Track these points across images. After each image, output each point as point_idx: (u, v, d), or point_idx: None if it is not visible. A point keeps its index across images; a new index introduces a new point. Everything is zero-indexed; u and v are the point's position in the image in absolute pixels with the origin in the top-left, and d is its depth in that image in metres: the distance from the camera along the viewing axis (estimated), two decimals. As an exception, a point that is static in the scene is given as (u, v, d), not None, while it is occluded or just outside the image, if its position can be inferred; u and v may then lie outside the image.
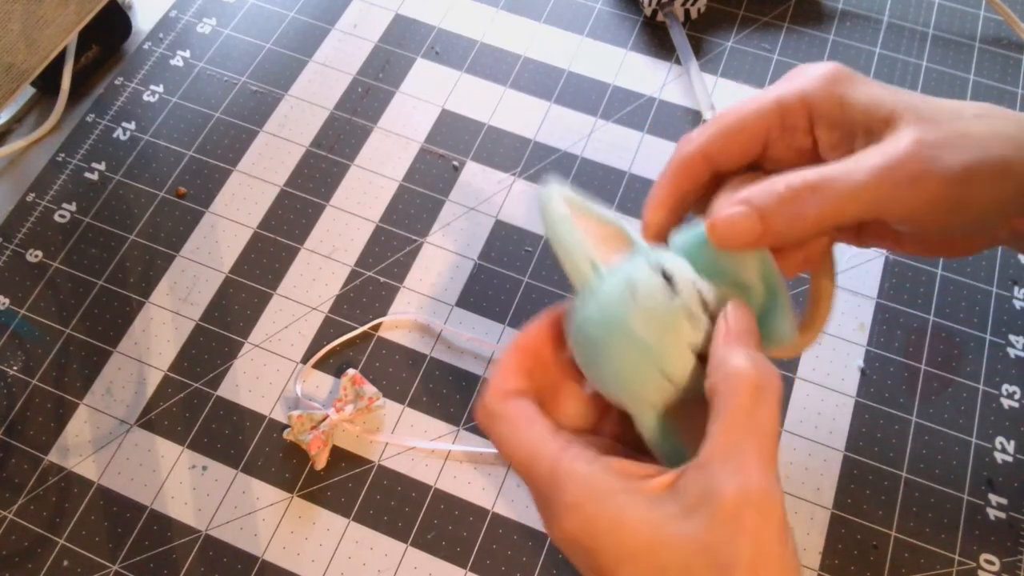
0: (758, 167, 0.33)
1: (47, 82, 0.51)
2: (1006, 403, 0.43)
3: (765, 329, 0.28)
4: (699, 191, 0.32)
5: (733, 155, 0.32)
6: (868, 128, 0.30)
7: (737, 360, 0.26)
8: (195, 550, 0.39)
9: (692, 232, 0.29)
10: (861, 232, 0.34)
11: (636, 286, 0.27)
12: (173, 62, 0.53)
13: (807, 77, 0.32)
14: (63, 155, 0.50)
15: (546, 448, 0.27)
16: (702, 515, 0.24)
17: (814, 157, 0.32)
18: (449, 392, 0.43)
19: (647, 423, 0.28)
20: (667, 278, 0.27)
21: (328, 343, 0.44)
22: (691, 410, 0.27)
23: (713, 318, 0.27)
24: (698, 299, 0.27)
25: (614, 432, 0.30)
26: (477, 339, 0.44)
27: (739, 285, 0.28)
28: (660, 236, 0.31)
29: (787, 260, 0.31)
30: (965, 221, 0.30)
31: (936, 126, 0.29)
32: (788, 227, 0.28)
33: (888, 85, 0.31)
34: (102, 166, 0.49)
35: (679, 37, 0.53)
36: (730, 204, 0.28)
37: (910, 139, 0.28)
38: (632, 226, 0.30)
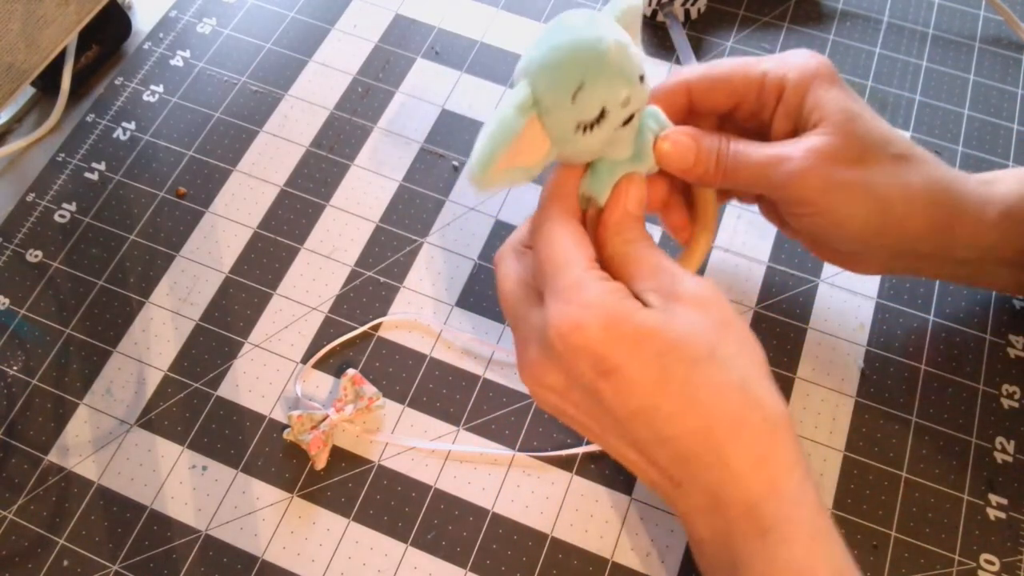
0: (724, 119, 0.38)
1: (47, 82, 0.51)
2: (1006, 403, 0.43)
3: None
4: (672, 116, 0.36)
5: (710, 102, 0.37)
6: (805, 126, 0.35)
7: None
8: (195, 550, 0.39)
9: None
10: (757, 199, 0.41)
11: (633, 48, 0.32)
12: (173, 62, 0.53)
13: (793, 66, 0.36)
14: (63, 155, 0.50)
15: (579, 255, 0.31)
16: (684, 306, 0.30)
17: (765, 131, 0.37)
18: (449, 392, 0.43)
19: (517, 93, 0.32)
20: (643, 77, 0.32)
21: (328, 343, 0.44)
22: (536, 136, 0.32)
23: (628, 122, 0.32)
24: (635, 108, 0.32)
25: None
26: (477, 339, 0.44)
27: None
28: None
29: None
30: (843, 234, 0.36)
31: (851, 144, 0.34)
32: (709, 177, 0.35)
33: (857, 101, 0.36)
34: (102, 166, 0.49)
35: (679, 37, 0.53)
36: (686, 135, 0.34)
37: (816, 144, 0.34)
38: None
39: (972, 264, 0.39)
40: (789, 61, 0.36)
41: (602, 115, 0.31)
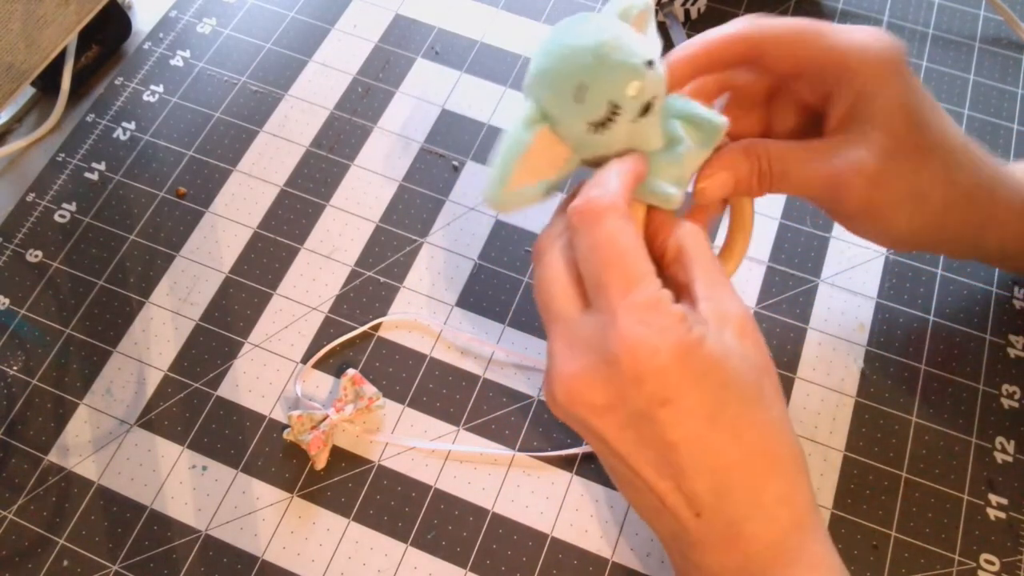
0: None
1: (47, 82, 0.51)
2: (1006, 403, 0.43)
3: (662, 184, 0.32)
4: (721, 65, 0.34)
5: (769, 62, 0.35)
6: (863, 120, 0.34)
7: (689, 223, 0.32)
8: (195, 550, 0.39)
9: (690, 104, 0.33)
10: None
11: (635, 38, 0.31)
12: (173, 62, 0.53)
13: (865, 50, 0.33)
14: (63, 155, 0.50)
15: (650, 268, 0.29)
16: (728, 334, 0.29)
17: (819, 104, 0.35)
18: (449, 392, 0.43)
19: (525, 110, 0.31)
20: (652, 62, 0.31)
21: (328, 343, 0.44)
22: (549, 145, 0.31)
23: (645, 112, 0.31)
24: (650, 96, 0.31)
25: None
26: (477, 339, 0.44)
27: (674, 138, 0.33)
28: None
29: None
30: (881, 235, 0.37)
31: (905, 149, 0.33)
32: (752, 194, 0.35)
33: (919, 95, 0.34)
34: (102, 166, 0.49)
35: (679, 37, 0.53)
36: (723, 169, 0.33)
37: (867, 162, 0.33)
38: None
39: (1001, 254, 0.40)
40: (861, 43, 0.33)
41: (614, 111, 0.30)
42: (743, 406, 0.29)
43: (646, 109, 0.31)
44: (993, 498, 0.40)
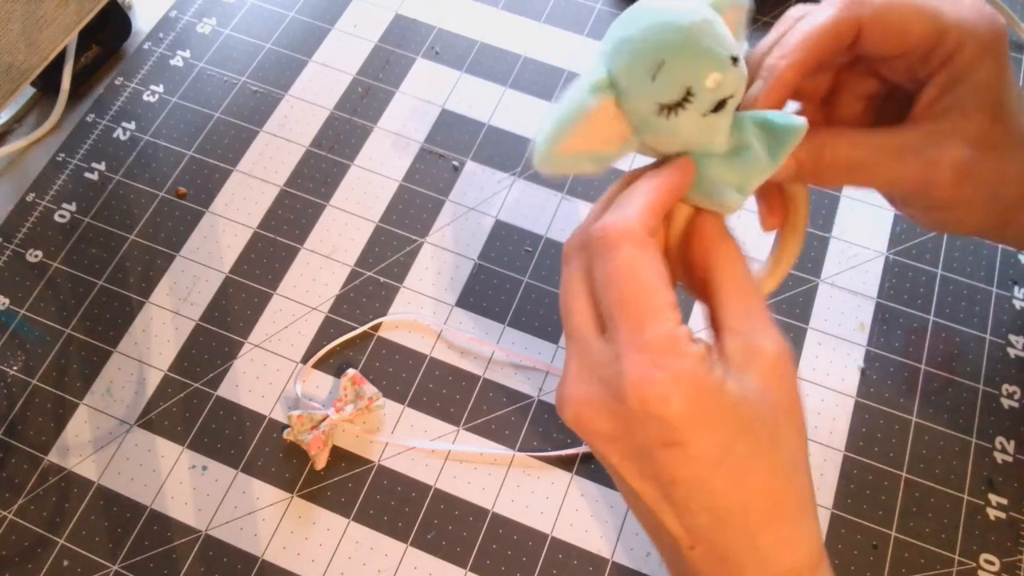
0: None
1: (47, 82, 0.51)
2: (1006, 403, 0.43)
3: (725, 188, 0.30)
4: (826, 53, 0.31)
5: (872, 45, 0.32)
6: (961, 111, 0.32)
7: (731, 241, 0.30)
8: (195, 550, 0.39)
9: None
10: None
11: (715, 28, 0.29)
12: (173, 62, 0.53)
13: (973, 34, 0.31)
14: (63, 155, 0.50)
15: (669, 300, 0.27)
16: (754, 374, 0.28)
17: (910, 84, 0.33)
18: (449, 392, 0.43)
19: (594, 74, 0.29)
20: (737, 59, 0.29)
21: (328, 343, 0.44)
22: (612, 116, 0.29)
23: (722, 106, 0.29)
24: (728, 92, 0.29)
25: None
26: (477, 339, 0.44)
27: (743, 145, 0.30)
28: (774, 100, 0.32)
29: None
30: (954, 227, 0.35)
31: (991, 142, 0.31)
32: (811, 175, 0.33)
33: (1011, 86, 0.32)
34: (102, 166, 0.49)
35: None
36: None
37: (955, 158, 0.31)
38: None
39: None
40: (969, 20, 0.31)
41: (687, 97, 0.28)
42: (752, 448, 0.28)
43: (719, 105, 0.29)
44: (993, 498, 0.40)
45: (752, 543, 0.29)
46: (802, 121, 0.29)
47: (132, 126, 0.51)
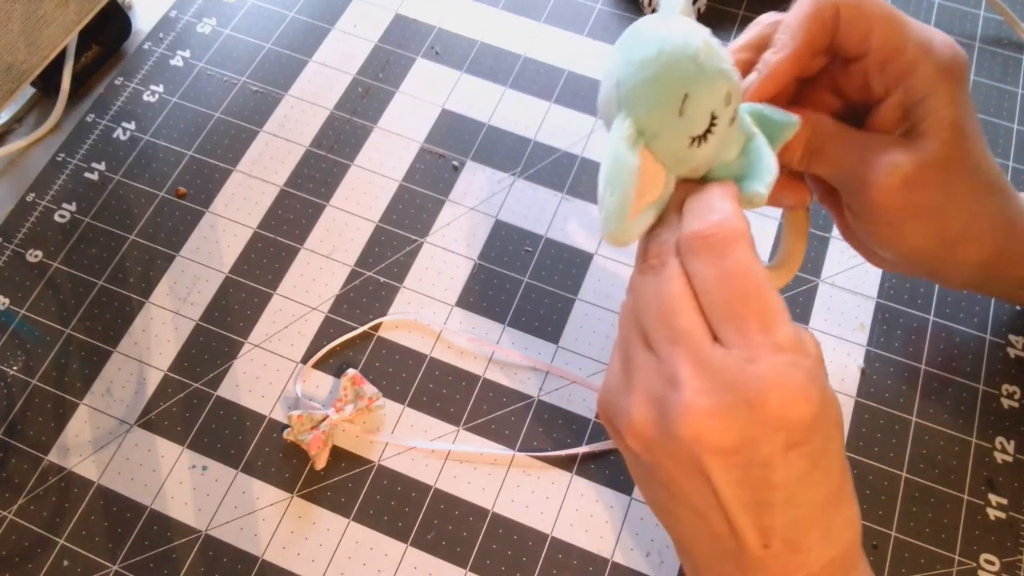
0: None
1: (47, 82, 0.51)
2: (1006, 403, 0.43)
3: (748, 182, 0.30)
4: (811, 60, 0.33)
5: (851, 39, 0.33)
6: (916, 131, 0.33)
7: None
8: (195, 550, 0.39)
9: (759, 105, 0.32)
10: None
11: (712, 44, 0.29)
12: (173, 62, 0.53)
13: (931, 56, 0.32)
14: (63, 155, 0.50)
15: (787, 310, 0.27)
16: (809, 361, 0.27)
17: (869, 100, 0.34)
18: (449, 392, 0.43)
19: (622, 129, 0.28)
20: (732, 65, 0.29)
21: (328, 343, 0.44)
22: (652, 166, 0.29)
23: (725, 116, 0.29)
24: (738, 100, 0.29)
25: None
26: (477, 339, 0.44)
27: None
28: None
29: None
30: (891, 245, 0.35)
31: (946, 166, 0.33)
32: (797, 158, 0.34)
33: (970, 116, 0.34)
34: (102, 166, 0.49)
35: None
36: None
37: (908, 168, 0.32)
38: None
39: (996, 283, 0.39)
40: (937, 45, 0.32)
41: (713, 122, 0.28)
42: (837, 443, 0.29)
43: (733, 116, 0.29)
44: (993, 498, 0.40)
45: (826, 528, 0.29)
46: (796, 117, 0.30)
47: (132, 126, 0.51)
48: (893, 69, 0.33)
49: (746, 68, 0.33)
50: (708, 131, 0.28)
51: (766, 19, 0.34)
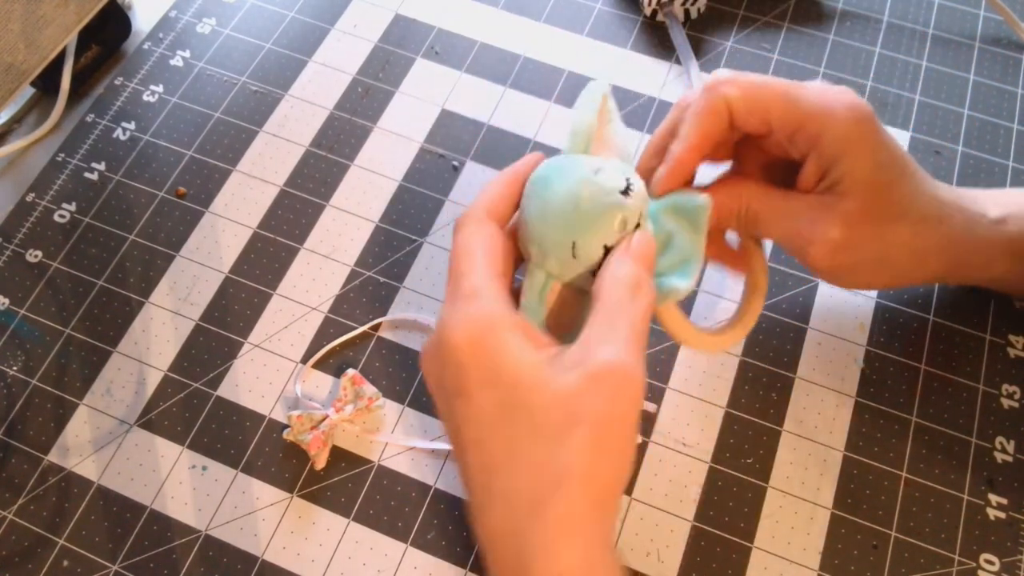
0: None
1: (47, 82, 0.51)
2: (1006, 403, 0.43)
3: (667, 279, 0.33)
4: (720, 141, 0.35)
5: (743, 123, 0.35)
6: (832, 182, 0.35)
7: (625, 268, 0.31)
8: (195, 550, 0.39)
9: (670, 197, 0.34)
10: None
11: (603, 169, 0.32)
12: (173, 62, 0.53)
13: (834, 116, 0.34)
14: (63, 155, 0.50)
15: (488, 268, 0.31)
16: (573, 372, 0.28)
17: (792, 164, 0.36)
18: (449, 392, 0.43)
19: (534, 281, 0.33)
20: (628, 186, 0.32)
21: (328, 343, 0.44)
22: (568, 298, 0.33)
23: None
24: (636, 218, 0.32)
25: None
26: (477, 339, 0.44)
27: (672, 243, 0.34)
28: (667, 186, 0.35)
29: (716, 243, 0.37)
30: (851, 286, 0.41)
31: (872, 217, 0.34)
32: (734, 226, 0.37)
33: (891, 163, 0.35)
34: (102, 166, 0.49)
35: (679, 37, 0.53)
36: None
37: (833, 235, 0.34)
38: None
39: (992, 283, 0.43)
40: (829, 109, 0.34)
41: (607, 249, 0.32)
42: (531, 433, 0.28)
43: (636, 227, 0.32)
44: (993, 498, 0.40)
45: (523, 526, 0.28)
46: (704, 197, 0.32)
47: (132, 126, 0.51)
48: (800, 140, 0.34)
49: (663, 155, 0.35)
50: (605, 256, 0.32)
51: (683, 102, 0.36)
